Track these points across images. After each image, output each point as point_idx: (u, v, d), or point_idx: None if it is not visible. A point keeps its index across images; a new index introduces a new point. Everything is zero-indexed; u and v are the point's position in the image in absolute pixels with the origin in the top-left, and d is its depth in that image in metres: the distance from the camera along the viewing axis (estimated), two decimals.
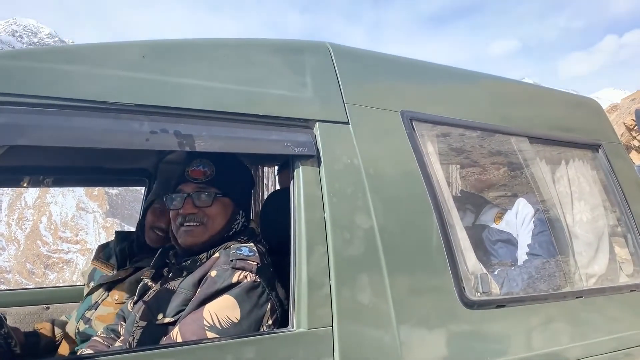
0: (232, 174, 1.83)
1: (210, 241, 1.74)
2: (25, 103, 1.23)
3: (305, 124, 1.65)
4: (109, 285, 2.26)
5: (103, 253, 2.52)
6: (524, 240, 2.41)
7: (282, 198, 1.74)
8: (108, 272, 2.37)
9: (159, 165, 2.62)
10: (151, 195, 2.37)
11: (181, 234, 1.73)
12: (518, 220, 2.47)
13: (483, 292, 1.78)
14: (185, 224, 1.72)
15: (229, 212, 1.79)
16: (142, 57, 1.45)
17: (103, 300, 2.21)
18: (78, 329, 2.18)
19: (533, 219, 2.39)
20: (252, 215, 2.52)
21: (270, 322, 1.55)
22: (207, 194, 1.73)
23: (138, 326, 1.67)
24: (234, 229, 1.79)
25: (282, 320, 1.58)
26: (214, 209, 1.74)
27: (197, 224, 1.72)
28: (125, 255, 2.36)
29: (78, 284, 3.06)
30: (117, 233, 2.54)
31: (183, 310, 1.58)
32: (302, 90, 1.68)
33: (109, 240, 2.61)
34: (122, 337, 1.81)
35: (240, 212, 1.83)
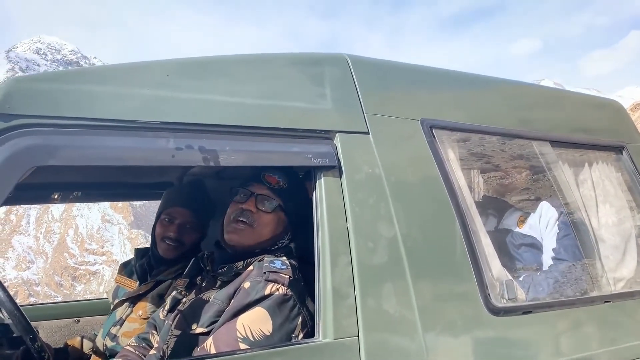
0: (298, 194, 1.86)
1: (252, 248, 1.76)
2: (54, 124, 1.28)
3: (326, 135, 1.67)
4: (133, 300, 2.30)
5: (125, 270, 2.57)
6: (549, 244, 2.39)
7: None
8: (130, 288, 2.42)
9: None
10: (159, 208, 2.43)
11: (230, 229, 1.76)
12: (542, 224, 2.45)
13: (509, 299, 1.77)
14: (239, 219, 1.75)
15: (280, 228, 1.81)
16: (166, 76, 1.49)
17: (128, 316, 2.26)
18: (106, 346, 2.22)
19: (557, 222, 2.37)
20: None
21: (301, 335, 1.56)
22: (272, 201, 1.77)
23: (173, 335, 1.70)
24: (277, 246, 1.81)
25: (312, 335, 1.57)
26: (269, 217, 1.77)
27: (249, 224, 1.75)
28: (145, 271, 2.41)
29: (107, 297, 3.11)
30: (137, 250, 2.59)
31: (217, 321, 1.60)
32: (321, 102, 1.71)
33: (132, 256, 2.66)
34: (155, 346, 1.85)
35: (289, 232, 1.85)
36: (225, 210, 1.84)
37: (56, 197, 2.74)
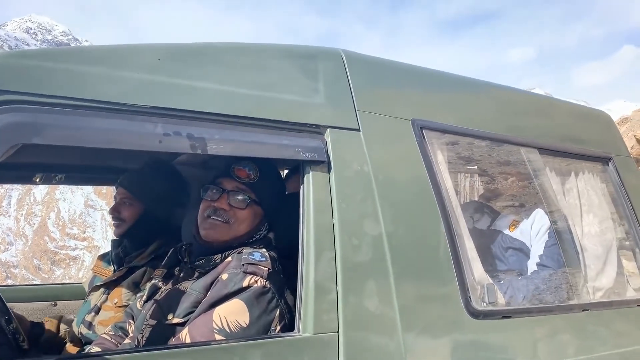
0: (271, 185, 1.85)
1: (229, 243, 1.74)
2: (41, 102, 1.25)
3: (317, 129, 1.66)
4: (108, 286, 2.29)
5: (103, 261, 2.59)
6: (536, 250, 2.41)
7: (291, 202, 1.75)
8: (106, 277, 2.42)
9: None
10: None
11: (206, 225, 1.75)
12: (533, 231, 2.47)
13: (489, 302, 1.78)
14: (213, 217, 1.73)
15: (256, 221, 1.80)
16: (158, 60, 1.47)
17: (103, 303, 2.25)
18: (81, 333, 2.20)
19: (548, 231, 2.38)
20: None
21: (278, 328, 1.56)
22: (245, 197, 1.75)
23: (148, 325, 1.68)
24: (255, 238, 1.80)
25: (290, 328, 1.58)
26: (245, 213, 1.75)
27: (224, 221, 1.73)
28: (120, 259, 2.42)
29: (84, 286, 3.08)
30: (113, 241, 2.59)
31: (193, 311, 1.59)
32: (314, 96, 1.70)
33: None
34: (130, 335, 1.83)
35: (266, 224, 1.84)
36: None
37: (38, 179, 2.70)
